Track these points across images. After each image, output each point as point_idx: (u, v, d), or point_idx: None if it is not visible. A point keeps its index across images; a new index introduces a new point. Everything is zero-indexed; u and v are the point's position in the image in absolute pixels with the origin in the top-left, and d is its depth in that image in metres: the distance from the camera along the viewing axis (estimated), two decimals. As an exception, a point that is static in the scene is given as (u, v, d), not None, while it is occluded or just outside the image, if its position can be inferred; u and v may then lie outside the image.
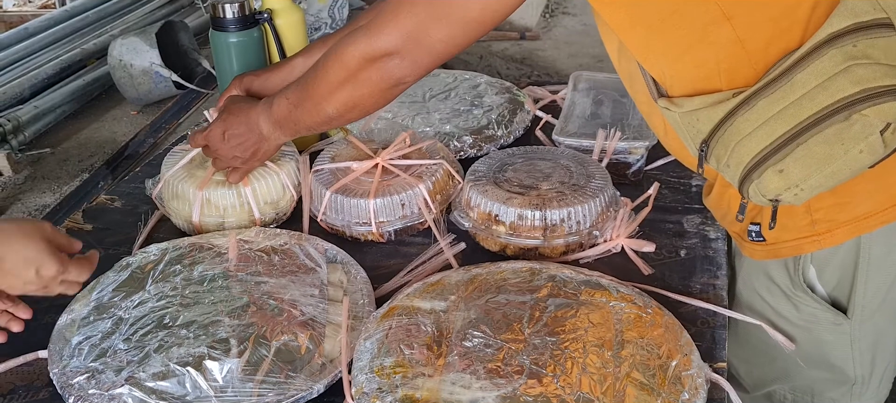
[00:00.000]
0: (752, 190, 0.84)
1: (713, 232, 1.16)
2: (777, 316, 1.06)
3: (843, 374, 1.06)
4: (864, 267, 0.98)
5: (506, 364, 0.87)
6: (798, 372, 1.08)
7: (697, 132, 0.88)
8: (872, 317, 1.01)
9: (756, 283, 1.08)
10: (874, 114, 0.77)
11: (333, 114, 1.02)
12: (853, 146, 0.78)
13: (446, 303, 0.97)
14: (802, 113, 0.80)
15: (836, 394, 1.09)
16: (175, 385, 0.87)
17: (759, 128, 0.82)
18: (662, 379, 0.85)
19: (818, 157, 0.80)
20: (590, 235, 1.11)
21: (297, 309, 0.98)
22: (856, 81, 0.77)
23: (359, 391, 0.86)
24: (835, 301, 1.03)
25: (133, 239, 1.22)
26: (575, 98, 1.44)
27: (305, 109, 1.04)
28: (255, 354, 0.90)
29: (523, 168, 1.19)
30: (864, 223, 0.94)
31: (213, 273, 1.05)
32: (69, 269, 0.93)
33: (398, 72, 0.95)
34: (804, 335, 1.05)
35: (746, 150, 0.83)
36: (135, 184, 1.39)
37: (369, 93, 0.98)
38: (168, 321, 0.96)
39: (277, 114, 1.07)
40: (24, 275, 0.90)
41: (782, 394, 1.15)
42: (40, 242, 0.90)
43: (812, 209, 0.95)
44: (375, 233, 1.17)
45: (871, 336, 1.03)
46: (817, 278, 1.02)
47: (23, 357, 0.97)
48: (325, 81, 1.00)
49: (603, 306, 0.95)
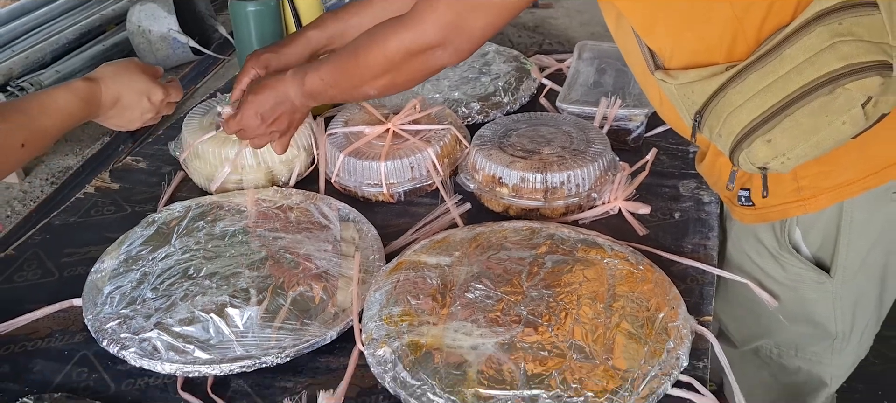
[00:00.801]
0: (742, 158, 0.90)
1: (707, 196, 1.22)
2: (765, 275, 1.12)
3: (826, 330, 1.12)
4: (847, 230, 1.03)
5: (505, 314, 0.93)
6: (782, 328, 1.15)
7: (692, 103, 0.93)
8: (854, 277, 1.07)
9: (745, 245, 1.14)
10: (856, 89, 0.82)
11: (373, 94, 1.06)
12: (837, 118, 0.83)
13: (451, 259, 1.03)
14: (790, 86, 0.84)
15: (819, 348, 1.15)
16: (199, 330, 0.95)
17: (750, 100, 0.87)
18: (650, 330, 0.91)
19: (804, 128, 0.85)
20: (589, 197, 1.17)
21: (311, 263, 1.05)
22: (841, 57, 0.82)
23: (368, 337, 0.93)
24: (819, 261, 1.08)
25: (158, 197, 1.29)
26: (579, 66, 1.49)
27: (342, 89, 1.07)
28: (273, 303, 0.98)
29: (527, 133, 1.24)
30: (846, 189, 1.00)
31: (233, 228, 1.12)
32: (169, 91, 1.06)
33: (441, 62, 0.98)
34: (789, 293, 1.11)
35: (737, 121, 0.88)
36: (158, 146, 1.46)
37: (411, 79, 1.02)
38: (192, 272, 1.04)
39: (310, 89, 1.09)
40: (141, 105, 1.02)
41: (768, 349, 1.21)
42: (142, 74, 1.03)
43: (798, 176, 1.00)
44: (386, 194, 1.23)
45: (852, 295, 1.09)
46: (802, 240, 1.07)
47: (59, 304, 1.04)
48: (367, 69, 1.02)
49: (597, 262, 1.02)
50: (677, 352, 0.89)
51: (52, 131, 0.94)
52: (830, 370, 1.18)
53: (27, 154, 0.91)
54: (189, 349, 0.92)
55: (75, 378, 0.94)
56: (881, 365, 1.54)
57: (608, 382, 0.84)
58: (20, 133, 0.90)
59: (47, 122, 0.93)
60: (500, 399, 0.83)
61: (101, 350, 0.95)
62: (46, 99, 0.95)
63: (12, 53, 3.53)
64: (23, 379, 0.94)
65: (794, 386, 1.23)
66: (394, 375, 0.88)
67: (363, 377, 0.91)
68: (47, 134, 0.93)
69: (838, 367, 1.18)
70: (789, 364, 1.20)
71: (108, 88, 1.01)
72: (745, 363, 1.28)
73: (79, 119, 0.98)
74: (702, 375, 0.90)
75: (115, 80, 1.02)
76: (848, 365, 1.19)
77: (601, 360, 0.87)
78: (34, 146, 0.92)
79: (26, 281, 1.11)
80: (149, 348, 0.93)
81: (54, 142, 0.96)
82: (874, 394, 1.58)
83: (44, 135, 0.93)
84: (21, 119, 0.91)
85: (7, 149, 0.88)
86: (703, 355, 0.93)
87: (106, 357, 0.95)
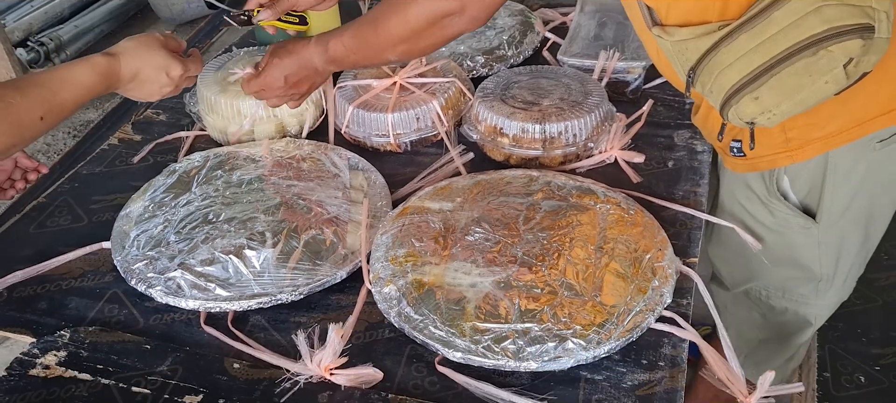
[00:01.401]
0: (731, 113, 0.95)
1: (700, 145, 1.27)
2: (754, 220, 1.18)
3: (811, 272, 1.18)
4: (832, 178, 1.09)
5: (501, 255, 1.00)
6: (770, 271, 1.21)
7: (686, 60, 0.97)
8: (837, 223, 1.13)
9: (736, 192, 1.19)
10: (839, 51, 0.86)
11: (393, 60, 1.11)
12: (820, 77, 0.88)
13: (452, 204, 1.10)
14: (777, 47, 0.89)
15: (804, 290, 1.22)
16: (219, 270, 1.02)
17: (739, 59, 0.91)
18: (637, 269, 0.98)
19: (789, 87, 0.89)
20: (586, 147, 1.23)
21: (323, 209, 1.12)
22: (824, 20, 0.86)
23: (375, 276, 1.00)
24: (805, 207, 1.14)
25: (177, 147, 1.36)
26: (581, 20, 1.53)
27: (363, 56, 1.12)
28: (287, 245, 1.05)
29: (528, 85, 1.30)
30: (831, 140, 1.05)
31: (249, 177, 1.20)
32: (188, 66, 1.09)
33: (458, 28, 1.03)
34: (777, 237, 1.16)
35: (727, 79, 0.93)
36: (176, 99, 1.52)
37: (429, 45, 1.07)
38: (212, 217, 1.11)
39: (332, 55, 1.13)
40: (159, 80, 1.06)
41: (757, 290, 1.28)
42: (162, 49, 1.07)
43: (786, 128, 1.05)
44: (393, 144, 1.29)
45: (835, 240, 1.15)
46: (790, 187, 1.13)
47: (89, 247, 1.12)
48: (387, 36, 1.06)
49: (591, 208, 1.08)
50: (662, 290, 0.95)
51: (70, 104, 0.97)
52: (814, 310, 1.25)
53: (46, 126, 0.95)
54: (210, 287, 1.00)
55: (107, 314, 1.02)
56: (862, 306, 1.61)
57: (595, 316, 0.91)
58: (40, 107, 0.93)
59: (66, 96, 0.96)
60: (496, 332, 0.90)
61: (130, 289, 1.04)
62: (66, 74, 0.98)
63: (32, 8, 3.59)
64: (59, 314, 1.02)
65: (781, 325, 1.30)
66: (399, 310, 0.95)
67: (371, 313, 0.99)
68: (65, 107, 0.96)
69: (822, 307, 1.24)
70: (777, 304, 1.27)
71: (127, 63, 1.04)
72: (736, 304, 1.35)
73: (97, 92, 1.01)
74: (685, 311, 0.97)
75: (134, 55, 1.05)
76: (831, 306, 1.25)
77: (590, 297, 0.94)
78: (53, 118, 0.95)
79: (58, 226, 1.19)
80: (173, 286, 1.01)
81: (73, 114, 0.99)
82: (853, 333, 1.66)
83: (62, 108, 0.96)
84: (41, 93, 0.94)
85: (27, 122, 0.91)
86: (687, 293, 0.99)
87: (134, 294, 1.04)
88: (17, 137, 0.91)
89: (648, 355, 0.91)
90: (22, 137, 0.92)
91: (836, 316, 1.31)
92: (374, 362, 0.91)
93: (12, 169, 1.14)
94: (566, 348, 0.88)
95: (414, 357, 0.93)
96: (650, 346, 0.92)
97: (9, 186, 1.12)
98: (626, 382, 0.88)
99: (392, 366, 0.92)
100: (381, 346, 0.95)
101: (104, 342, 0.96)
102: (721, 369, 0.89)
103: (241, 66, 1.36)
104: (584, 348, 0.88)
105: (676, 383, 0.88)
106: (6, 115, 0.89)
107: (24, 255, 1.12)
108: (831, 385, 1.57)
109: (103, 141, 1.42)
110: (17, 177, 1.13)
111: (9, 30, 3.30)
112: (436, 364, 0.91)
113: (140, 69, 1.04)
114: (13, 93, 0.91)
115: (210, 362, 0.93)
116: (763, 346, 1.36)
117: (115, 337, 0.96)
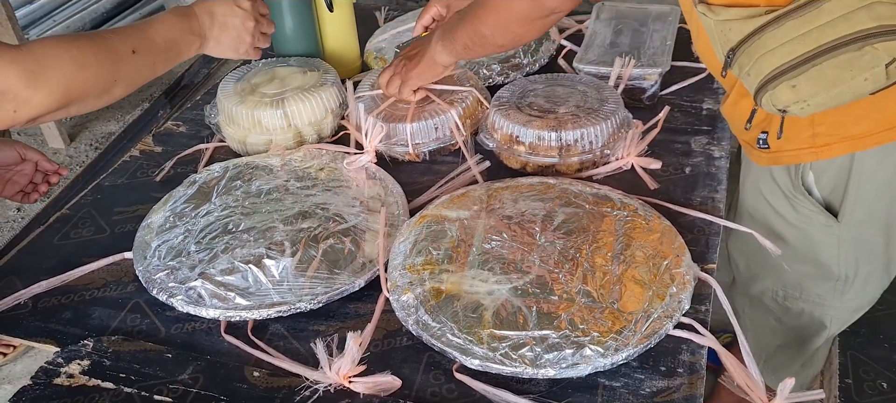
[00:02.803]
0: (766, 99, 0.94)
1: (718, 151, 1.27)
2: (776, 215, 1.17)
3: (829, 270, 1.18)
4: (856, 179, 1.08)
5: (519, 262, 1.01)
6: (786, 270, 1.20)
7: (727, 40, 0.97)
8: (860, 224, 1.12)
9: (761, 185, 1.19)
10: (883, 49, 0.85)
11: (487, 33, 1.13)
12: (860, 74, 0.87)
13: (469, 212, 1.11)
14: (823, 38, 0.88)
15: (822, 290, 1.21)
16: (239, 279, 1.03)
17: (783, 45, 0.91)
18: (654, 275, 0.98)
19: (828, 79, 0.89)
20: (602, 154, 1.23)
21: (341, 218, 1.13)
22: (875, 17, 0.85)
23: (393, 284, 1.01)
24: (828, 205, 1.14)
25: (198, 158, 1.38)
26: (596, 27, 1.53)
27: (465, 27, 1.16)
28: (305, 254, 1.06)
29: (543, 93, 1.30)
30: (859, 141, 1.04)
31: (268, 187, 1.21)
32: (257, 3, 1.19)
33: (551, 4, 1.05)
34: (798, 233, 1.16)
35: (768, 63, 0.92)
36: (196, 111, 1.54)
37: (526, 22, 1.09)
38: (231, 227, 1.12)
39: (445, 28, 1.20)
40: (234, 15, 1.14)
41: (774, 291, 1.27)
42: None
43: (815, 123, 1.04)
44: (412, 154, 1.30)
45: (856, 241, 1.14)
46: (815, 183, 1.12)
47: (112, 257, 1.14)
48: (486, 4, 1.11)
49: (608, 214, 1.08)
50: (680, 296, 0.95)
51: (159, 41, 1.03)
52: (831, 312, 1.24)
53: (142, 62, 1.00)
54: (230, 296, 1.01)
55: (129, 323, 1.03)
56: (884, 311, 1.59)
57: (613, 323, 0.91)
58: (129, 39, 0.99)
59: (152, 33, 1.03)
60: (513, 339, 0.90)
61: (152, 298, 1.05)
62: (148, 18, 1.06)
63: (54, 23, 3.65)
64: (83, 324, 1.04)
65: (798, 329, 1.29)
66: (416, 318, 0.96)
67: (389, 320, 0.99)
68: (155, 43, 1.03)
69: (839, 309, 1.23)
70: (793, 306, 1.26)
71: (198, 5, 1.12)
72: (753, 309, 1.34)
73: (180, 30, 1.08)
74: (703, 318, 0.96)
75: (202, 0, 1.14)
76: (850, 310, 1.24)
77: (607, 304, 0.94)
78: (145, 54, 1.01)
79: (81, 237, 1.21)
80: (194, 295, 1.02)
81: (168, 59, 1.05)
82: (876, 339, 1.65)
83: (151, 44, 1.02)
84: (129, 30, 1.01)
85: (121, 54, 0.97)
86: (706, 299, 0.99)
87: (156, 304, 1.05)
88: (116, 68, 0.96)
89: (667, 362, 0.91)
90: (120, 69, 0.97)
91: (858, 321, 1.30)
92: (392, 370, 0.91)
93: (33, 172, 1.16)
94: (584, 355, 0.88)
95: (432, 364, 0.94)
96: (668, 353, 0.92)
97: (31, 190, 1.14)
98: (645, 389, 0.88)
99: (410, 374, 0.93)
100: (399, 354, 0.96)
101: (126, 351, 0.97)
102: (740, 376, 0.89)
103: (260, 77, 1.38)
104: (601, 355, 0.88)
105: (695, 390, 0.88)
106: (102, 45, 0.95)
107: (48, 266, 1.14)
108: (854, 392, 1.56)
109: (125, 153, 1.44)
110: (39, 180, 1.15)
111: (32, 44, 3.36)
112: (454, 372, 0.92)
113: (213, 7, 1.12)
114: (105, 32, 0.98)
115: (230, 370, 0.94)
116: (780, 352, 1.35)
117: (138, 346, 0.98)
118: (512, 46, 1.25)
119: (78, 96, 0.91)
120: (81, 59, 0.91)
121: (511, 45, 1.21)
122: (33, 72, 0.86)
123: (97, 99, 0.94)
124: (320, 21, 1.52)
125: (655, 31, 1.50)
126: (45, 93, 0.87)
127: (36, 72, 0.86)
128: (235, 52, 1.18)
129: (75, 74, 0.90)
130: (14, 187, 1.13)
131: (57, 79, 0.88)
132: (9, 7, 2.86)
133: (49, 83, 0.87)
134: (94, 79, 0.92)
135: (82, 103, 0.93)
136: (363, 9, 1.95)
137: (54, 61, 0.88)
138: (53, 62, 0.88)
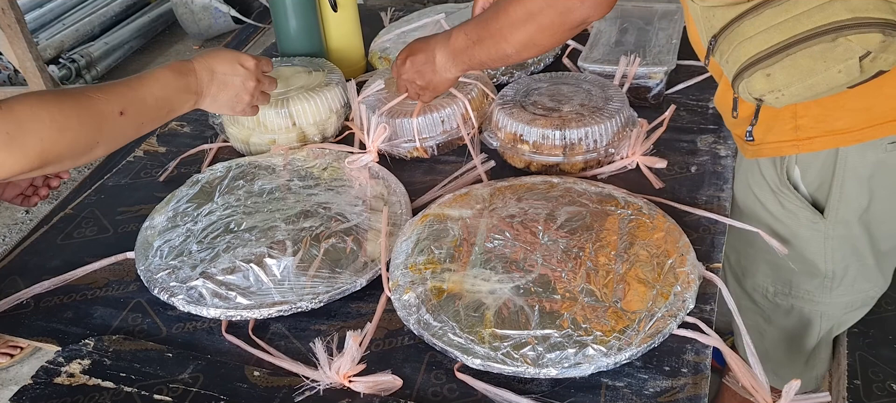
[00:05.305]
0: (742, 86, 0.94)
1: (724, 150, 1.26)
2: (764, 209, 1.16)
3: (815, 267, 1.16)
4: (841, 175, 1.07)
5: (521, 261, 1.00)
6: (775, 265, 1.19)
7: (711, 27, 0.96)
8: (845, 222, 1.11)
9: (750, 179, 1.18)
10: (857, 41, 0.85)
11: (511, 52, 1.09)
12: (833, 65, 0.87)
13: (472, 211, 1.10)
14: (798, 28, 0.88)
15: (810, 286, 1.19)
16: (240, 279, 1.03)
17: (760, 33, 0.90)
18: (658, 274, 0.97)
19: (802, 69, 0.88)
20: (607, 153, 1.22)
21: (343, 217, 1.12)
22: (850, 9, 0.85)
23: (395, 284, 1.00)
24: (815, 201, 1.12)
25: (201, 159, 1.37)
26: (601, 26, 1.52)
27: (484, 46, 1.11)
28: (307, 254, 1.05)
29: (547, 92, 1.29)
30: (841, 137, 1.03)
31: (271, 186, 1.20)
32: (260, 60, 1.15)
33: (581, 14, 1.02)
34: (784, 228, 1.15)
35: (744, 51, 0.92)
36: (200, 112, 1.53)
37: (551, 33, 1.05)
38: (233, 226, 1.12)
39: (455, 46, 1.14)
40: (235, 74, 1.11)
41: (764, 288, 1.26)
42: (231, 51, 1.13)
43: (798, 115, 1.03)
44: (419, 149, 1.29)
45: (843, 238, 1.12)
46: (801, 179, 1.11)
47: (113, 257, 1.14)
48: (507, 21, 1.05)
49: (612, 213, 1.07)
50: (684, 295, 0.94)
51: (149, 100, 0.99)
52: (821, 308, 1.22)
53: (129, 123, 0.96)
54: (231, 295, 1.01)
55: (131, 323, 1.03)
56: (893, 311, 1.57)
57: (617, 322, 0.90)
58: (118, 100, 0.95)
59: (144, 91, 0.99)
60: (515, 339, 0.90)
61: (153, 298, 1.05)
62: (143, 74, 1.02)
63: (63, 27, 3.67)
64: (84, 323, 1.04)
65: (788, 328, 1.27)
66: (418, 317, 0.95)
67: (390, 320, 0.99)
68: (145, 103, 0.99)
69: (829, 306, 1.21)
70: (782, 302, 1.24)
71: (198, 61, 1.09)
72: (741, 310, 1.32)
73: (174, 88, 1.04)
74: (708, 317, 0.95)
75: (206, 55, 1.10)
76: (841, 307, 1.22)
77: (610, 303, 0.93)
78: (134, 114, 0.97)
79: (84, 237, 1.21)
80: (195, 295, 1.02)
81: (158, 117, 1.01)
82: (885, 339, 1.62)
83: (142, 103, 0.98)
84: (118, 88, 0.97)
85: (106, 116, 0.93)
86: (711, 299, 0.98)
87: (157, 303, 1.05)
88: (99, 131, 0.92)
89: (671, 361, 0.90)
90: (103, 132, 0.93)
91: (867, 322, 1.28)
92: (393, 369, 0.90)
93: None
94: (586, 354, 0.87)
95: (433, 364, 0.93)
96: (672, 353, 0.91)
97: (32, 193, 1.14)
98: (648, 389, 0.87)
99: (411, 373, 0.92)
100: (401, 353, 0.95)
101: (127, 350, 0.97)
102: (745, 376, 0.87)
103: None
104: (604, 354, 0.87)
105: (699, 390, 0.87)
106: (87, 106, 0.91)
107: (51, 266, 1.14)
108: (862, 393, 1.54)
109: (129, 153, 1.44)
110: (40, 183, 1.15)
111: (41, 47, 3.38)
112: (455, 371, 0.91)
113: (214, 65, 1.09)
114: (93, 90, 0.94)
115: (231, 370, 0.93)
116: (773, 349, 1.34)
117: (138, 346, 0.97)
118: (533, 57, 1.20)
119: (54, 159, 0.87)
120: (63, 123, 0.87)
121: (533, 57, 1.18)
122: (10, 135, 0.82)
123: (74, 160, 0.90)
124: (325, 21, 1.52)
125: (661, 30, 1.49)
126: (19, 156, 0.83)
127: (12, 134, 0.82)
128: (232, 109, 1.14)
129: (54, 139, 0.86)
130: (15, 190, 1.12)
131: (33, 144, 0.84)
132: (18, 10, 2.88)
133: (24, 147, 0.83)
134: (72, 142, 0.89)
135: (59, 164, 0.89)
136: (368, 9, 1.95)
137: (34, 124, 0.84)
138: (32, 125, 0.84)
